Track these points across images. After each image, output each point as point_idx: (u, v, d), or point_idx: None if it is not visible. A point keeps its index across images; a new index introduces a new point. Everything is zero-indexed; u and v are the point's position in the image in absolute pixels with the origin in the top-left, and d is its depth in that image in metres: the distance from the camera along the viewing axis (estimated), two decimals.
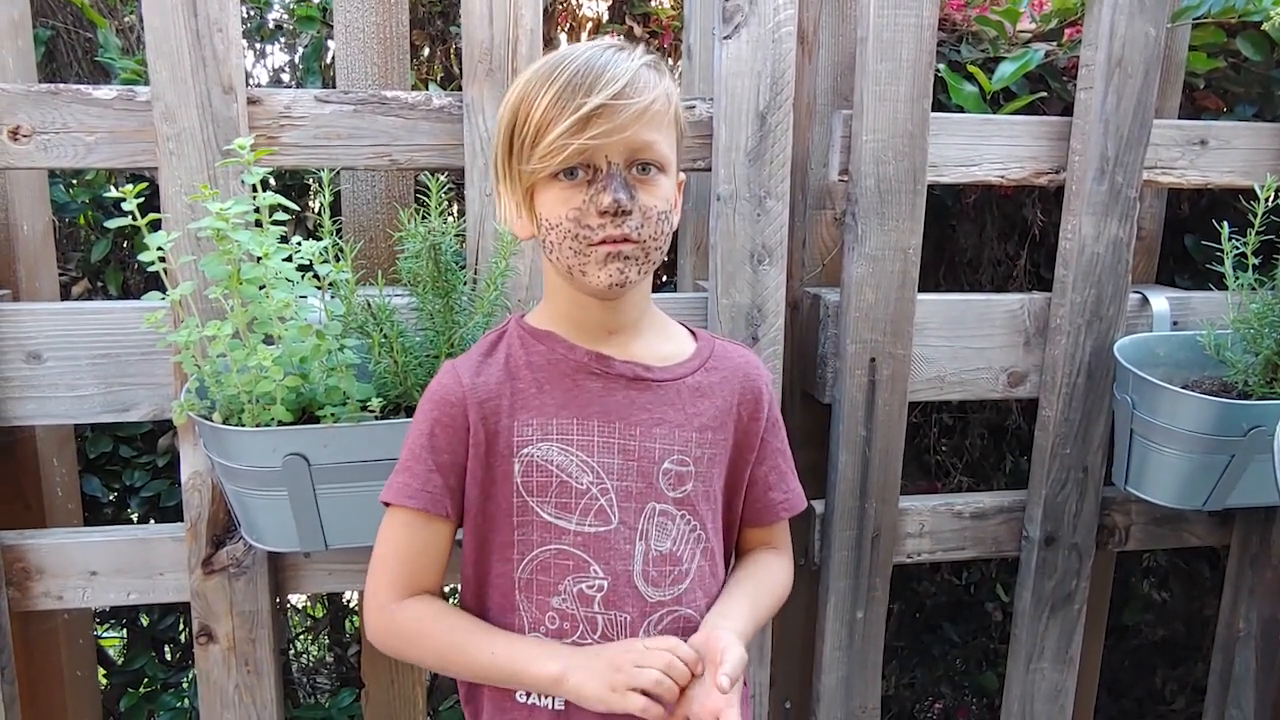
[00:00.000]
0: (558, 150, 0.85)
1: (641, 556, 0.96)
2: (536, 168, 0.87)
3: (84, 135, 1.24)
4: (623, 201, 0.86)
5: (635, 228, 0.88)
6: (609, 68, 0.86)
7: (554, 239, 0.89)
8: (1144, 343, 1.49)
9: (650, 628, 0.96)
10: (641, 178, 0.89)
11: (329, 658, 2.35)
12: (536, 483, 0.95)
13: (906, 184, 1.41)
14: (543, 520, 0.95)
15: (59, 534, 1.36)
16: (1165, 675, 2.16)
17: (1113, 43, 1.40)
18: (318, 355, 1.14)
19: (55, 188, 1.69)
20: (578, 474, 0.95)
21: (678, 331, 1.04)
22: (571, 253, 0.89)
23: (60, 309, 1.28)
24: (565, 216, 0.88)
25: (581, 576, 0.94)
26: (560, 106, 0.85)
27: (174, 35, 1.21)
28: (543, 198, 0.89)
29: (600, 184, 0.87)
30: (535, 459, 0.94)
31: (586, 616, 0.95)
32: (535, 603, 0.95)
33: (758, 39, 1.32)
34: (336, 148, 1.29)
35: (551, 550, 0.95)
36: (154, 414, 1.31)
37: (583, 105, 0.84)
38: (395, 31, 1.50)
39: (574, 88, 0.85)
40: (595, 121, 0.85)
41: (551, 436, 0.94)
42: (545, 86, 0.86)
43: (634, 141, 0.87)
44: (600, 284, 0.89)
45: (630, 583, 0.95)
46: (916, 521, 1.54)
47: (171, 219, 1.24)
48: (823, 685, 1.56)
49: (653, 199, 0.89)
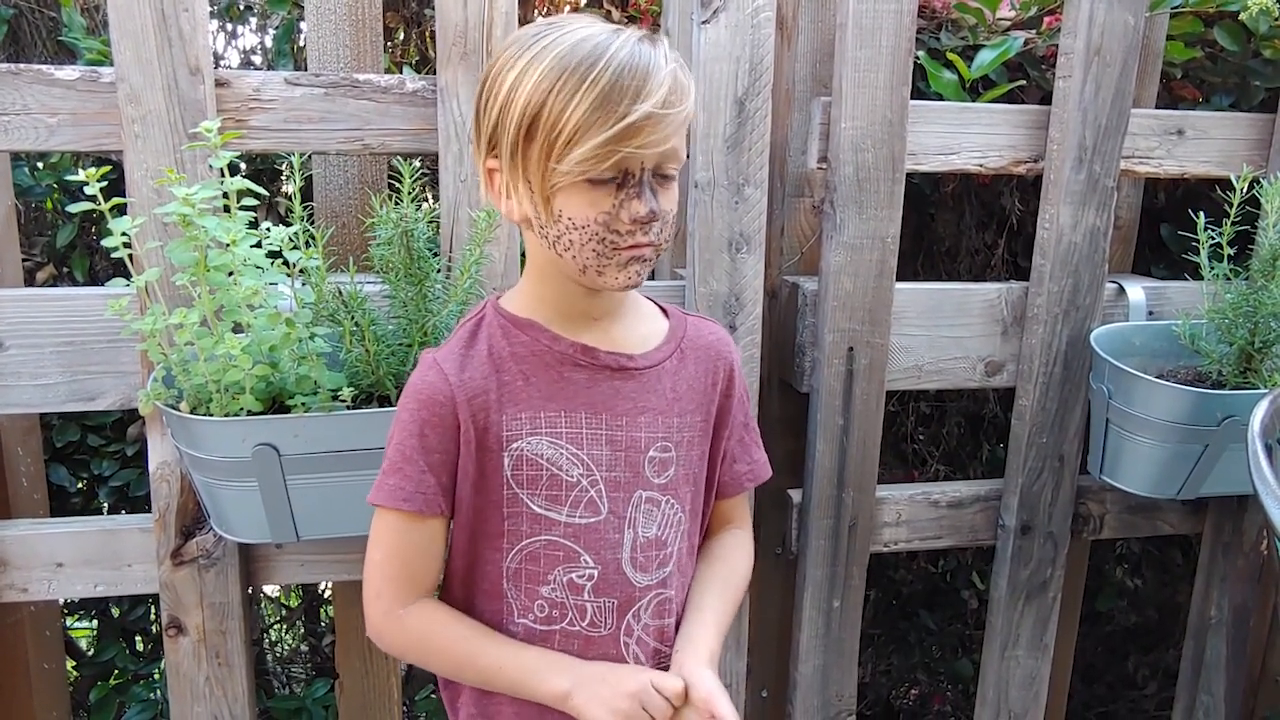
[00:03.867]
0: (601, 158, 0.82)
1: (630, 544, 0.97)
2: (573, 170, 0.83)
3: (46, 117, 1.21)
4: (656, 211, 0.86)
5: (658, 233, 0.89)
6: (653, 71, 0.83)
7: (576, 239, 0.87)
8: (1120, 332, 1.49)
9: (639, 612, 0.98)
10: (663, 183, 0.88)
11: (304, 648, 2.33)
12: (527, 476, 0.95)
13: (885, 172, 1.40)
14: (533, 512, 0.95)
15: (23, 525, 1.33)
16: (1138, 661, 2.19)
17: (1092, 31, 1.40)
18: (288, 344, 1.12)
19: (20, 171, 1.65)
20: (568, 466, 0.95)
21: (650, 310, 1.04)
22: (594, 255, 0.87)
23: (22, 295, 1.25)
24: (594, 219, 0.86)
25: (572, 566, 0.95)
26: (605, 112, 0.81)
27: (139, 14, 1.17)
28: (567, 197, 0.86)
29: (632, 190, 0.85)
30: (525, 453, 0.94)
31: (576, 604, 0.96)
32: (524, 591, 0.96)
33: (736, 24, 1.31)
34: (307, 131, 1.27)
35: (541, 541, 0.95)
36: (121, 403, 1.29)
37: (629, 114, 0.81)
38: (368, 13, 1.47)
39: (620, 90, 0.81)
40: (641, 131, 0.82)
41: (541, 430, 0.94)
42: (585, 84, 0.81)
43: (668, 150, 0.86)
44: (618, 285, 0.89)
45: (619, 570, 0.96)
46: (894, 510, 1.55)
47: (137, 203, 1.21)
48: (799, 674, 1.56)
49: (669, 202, 0.89)
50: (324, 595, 2.22)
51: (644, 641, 0.98)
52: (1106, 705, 2.22)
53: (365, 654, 1.54)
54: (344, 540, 1.31)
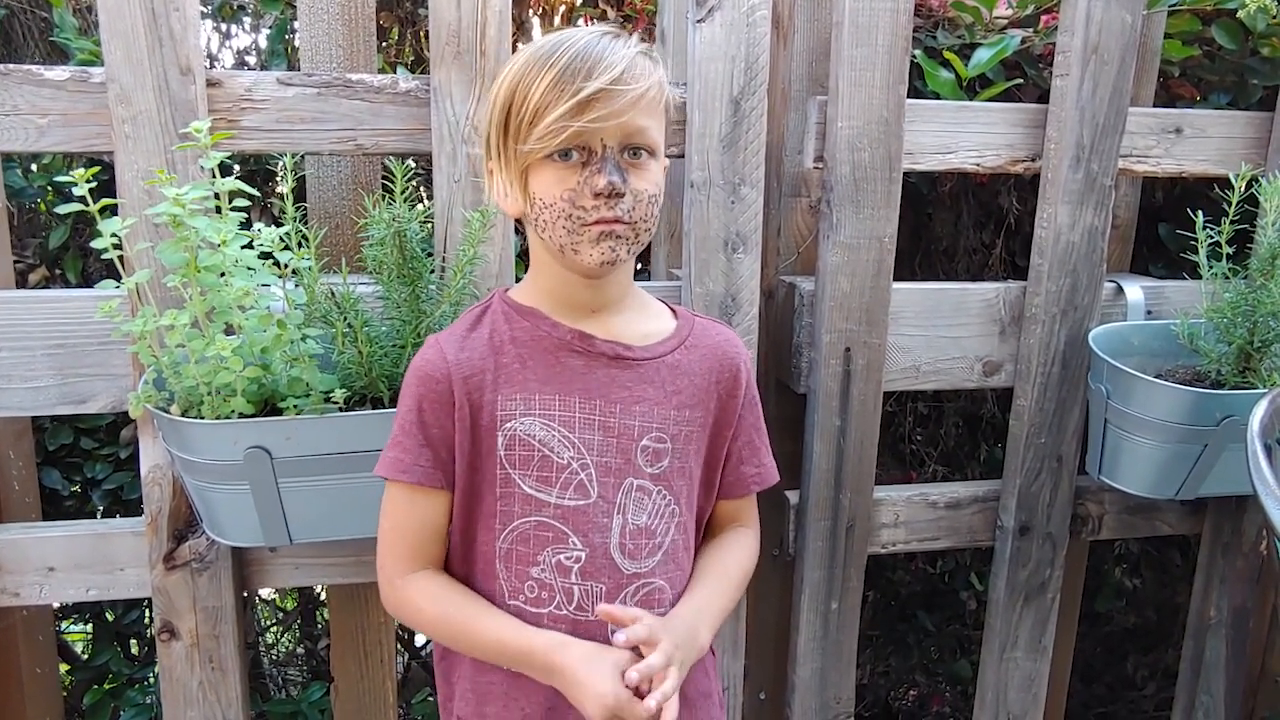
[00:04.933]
0: (556, 132, 0.87)
1: (619, 530, 0.98)
2: (534, 148, 0.89)
3: (36, 118, 1.20)
4: (617, 184, 0.89)
5: (627, 210, 0.91)
6: (607, 54, 0.88)
7: (547, 218, 0.91)
8: (1118, 332, 1.48)
9: (626, 599, 0.99)
10: (633, 161, 0.91)
11: (300, 650, 2.32)
12: (519, 456, 0.97)
13: (882, 171, 1.39)
14: (524, 493, 0.97)
15: (14, 529, 1.32)
16: (1137, 661, 2.18)
17: (1089, 29, 1.39)
18: (279, 345, 1.11)
19: (12, 173, 1.64)
20: (559, 449, 0.97)
21: (659, 309, 1.06)
22: (565, 231, 0.91)
23: (13, 297, 1.24)
24: (560, 197, 0.90)
25: (560, 548, 0.97)
26: (559, 89, 0.87)
27: (129, 14, 1.17)
28: (537, 178, 0.91)
29: (595, 166, 0.89)
30: (518, 433, 0.97)
31: (564, 587, 0.97)
32: (515, 572, 0.98)
33: (732, 23, 1.30)
34: (300, 132, 1.26)
35: (531, 522, 0.97)
36: (113, 406, 1.28)
37: (581, 89, 0.86)
38: (361, 12, 1.46)
39: (573, 71, 0.87)
40: (593, 105, 0.87)
41: (534, 411, 0.97)
42: (544, 69, 0.88)
43: (628, 126, 0.89)
44: (592, 262, 0.92)
45: (607, 554, 0.98)
46: (891, 512, 1.54)
47: (128, 204, 1.20)
48: (797, 677, 1.55)
49: (644, 183, 0.92)
50: (320, 598, 2.21)
51: None
52: (1106, 706, 2.22)
53: (361, 658, 1.53)
54: (338, 543, 1.31)
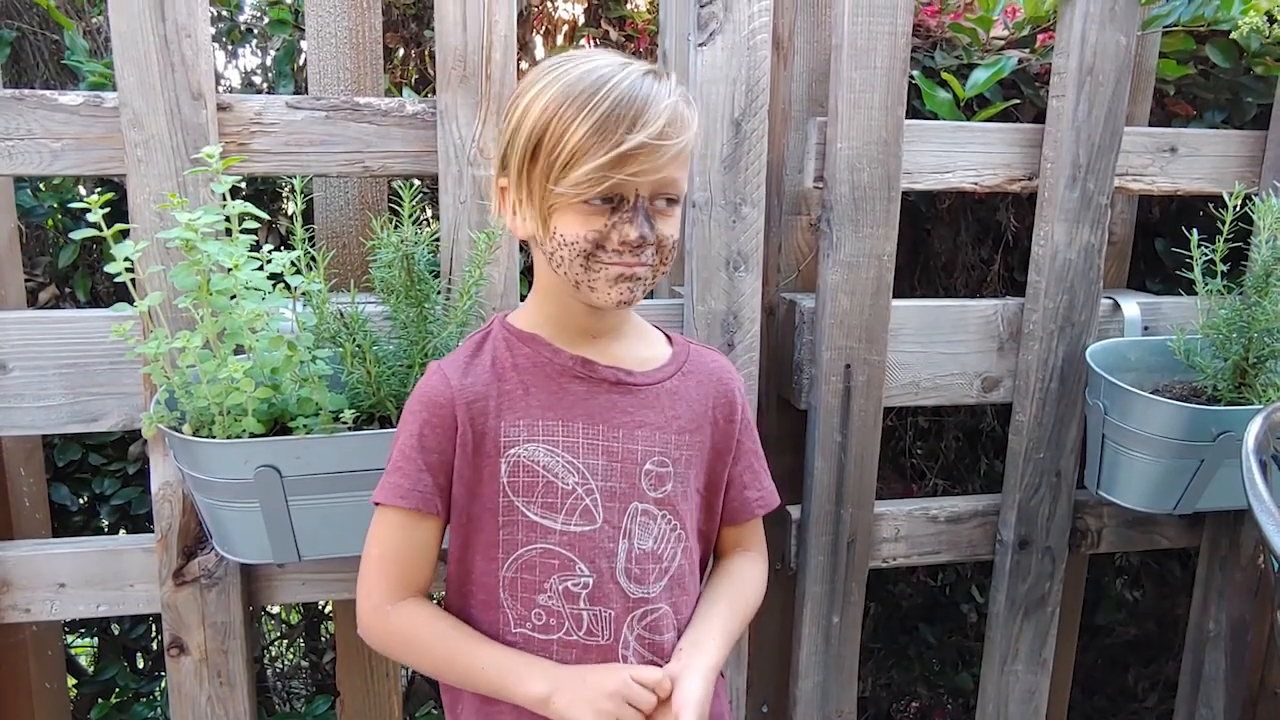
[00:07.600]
0: (594, 182, 0.86)
1: (625, 554, 0.98)
2: (568, 193, 0.87)
3: (49, 142, 1.22)
4: (648, 236, 0.89)
5: (651, 256, 0.91)
6: (651, 103, 0.86)
7: (566, 255, 0.90)
8: (1115, 348, 1.50)
9: (634, 623, 0.98)
10: (662, 210, 0.91)
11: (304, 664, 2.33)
12: (523, 483, 0.96)
13: (881, 191, 1.41)
14: (528, 520, 0.96)
15: (25, 545, 1.34)
16: (1137, 673, 2.19)
17: (1084, 51, 1.41)
18: (289, 366, 1.13)
19: (23, 192, 1.66)
20: (563, 475, 0.97)
21: (654, 336, 1.07)
22: (581, 269, 0.91)
23: (26, 317, 1.26)
24: (584, 237, 0.89)
25: (567, 575, 0.97)
26: (601, 137, 0.85)
27: (142, 41, 1.19)
28: (563, 216, 0.89)
29: (626, 215, 0.89)
30: (522, 459, 0.96)
31: (572, 613, 0.97)
32: (521, 600, 0.97)
33: (733, 45, 1.32)
34: (308, 154, 1.28)
35: (538, 549, 0.97)
36: (123, 424, 1.29)
37: (623, 142, 0.85)
38: (368, 36, 1.49)
39: (616, 119, 0.85)
40: (634, 160, 0.86)
41: (538, 437, 0.96)
42: (583, 109, 0.85)
43: (664, 180, 0.89)
44: (609, 302, 0.92)
45: (614, 579, 0.98)
46: (892, 526, 1.55)
47: (140, 228, 1.22)
48: (799, 690, 1.56)
49: (669, 228, 0.92)
50: (325, 611, 2.22)
51: (641, 654, 0.99)
52: (1106, 718, 2.22)
53: (367, 671, 1.55)
54: (346, 559, 1.32)
